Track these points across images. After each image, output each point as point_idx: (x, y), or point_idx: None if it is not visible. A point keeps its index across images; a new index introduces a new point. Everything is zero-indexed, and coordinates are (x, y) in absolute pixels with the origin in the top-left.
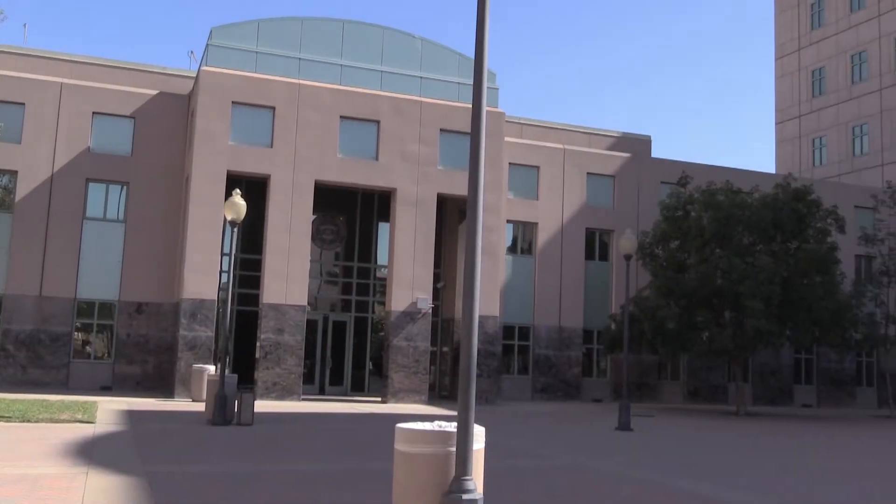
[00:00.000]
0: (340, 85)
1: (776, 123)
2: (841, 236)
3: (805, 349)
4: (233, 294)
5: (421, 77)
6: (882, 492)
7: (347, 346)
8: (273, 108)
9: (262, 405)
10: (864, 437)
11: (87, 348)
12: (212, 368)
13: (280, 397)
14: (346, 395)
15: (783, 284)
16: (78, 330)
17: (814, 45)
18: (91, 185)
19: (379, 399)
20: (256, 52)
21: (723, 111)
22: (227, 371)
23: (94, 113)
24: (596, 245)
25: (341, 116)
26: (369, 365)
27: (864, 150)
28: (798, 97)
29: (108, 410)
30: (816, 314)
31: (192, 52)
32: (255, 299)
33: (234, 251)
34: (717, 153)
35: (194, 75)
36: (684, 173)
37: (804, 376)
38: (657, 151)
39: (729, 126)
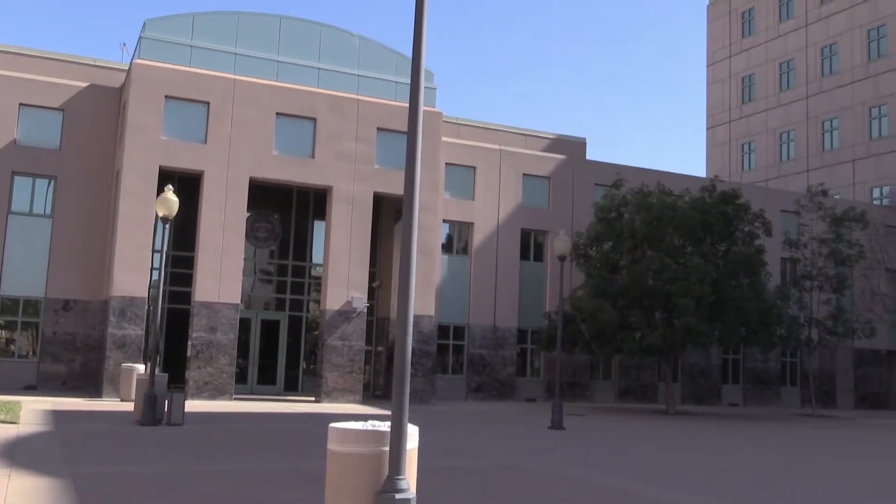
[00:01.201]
0: (277, 81)
1: (707, 128)
2: (768, 239)
3: (733, 349)
4: (164, 292)
5: (358, 75)
6: (804, 489)
7: (281, 346)
8: (207, 104)
9: (193, 405)
10: (788, 435)
11: (12, 346)
12: (141, 367)
13: (212, 397)
14: (279, 394)
15: (713, 285)
16: (1, 328)
17: (744, 53)
18: (17, 178)
19: (313, 398)
20: (191, 46)
21: (657, 115)
22: (157, 370)
23: (21, 104)
24: (531, 245)
25: (277, 113)
26: (303, 364)
27: (790, 156)
28: (729, 103)
29: (33, 410)
30: (744, 314)
31: (124, 44)
32: (186, 297)
33: (165, 248)
34: (650, 156)
35: (126, 68)
36: (618, 175)
37: (731, 376)
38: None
39: (663, 130)
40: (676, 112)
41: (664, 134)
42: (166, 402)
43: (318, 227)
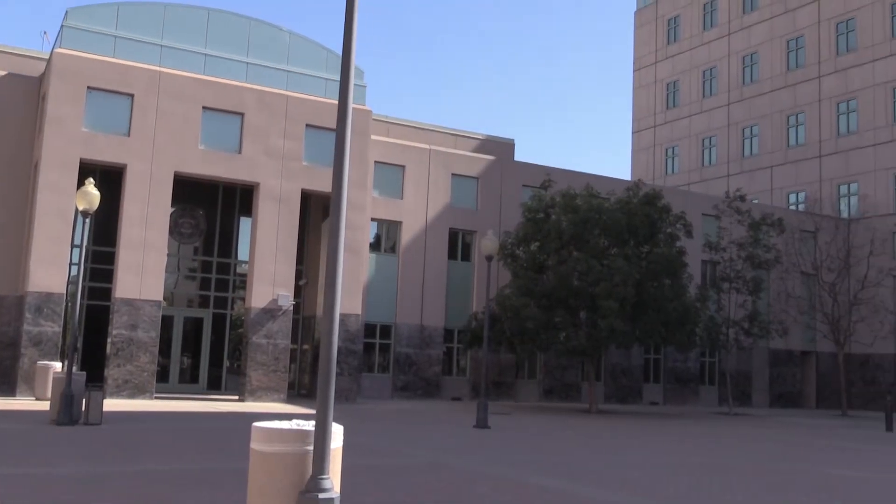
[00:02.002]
0: (204, 75)
1: (633, 132)
2: (690, 242)
3: (654, 349)
4: (83, 287)
5: (288, 71)
6: (720, 484)
7: (204, 343)
8: (132, 96)
9: (112, 404)
10: (705, 433)
11: None
12: (58, 365)
13: (132, 396)
14: (202, 393)
15: (636, 286)
16: None
17: (669, 60)
18: None
19: (236, 397)
20: (115, 37)
21: (585, 118)
22: (74, 368)
23: None
24: (459, 245)
25: (204, 107)
26: (227, 363)
27: (712, 161)
28: (653, 108)
29: None
30: (665, 315)
31: (45, 32)
32: (107, 293)
33: (85, 243)
34: (578, 159)
35: (47, 57)
36: (546, 177)
37: (653, 375)
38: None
39: (591, 133)
40: (604, 116)
41: (592, 137)
42: (84, 401)
43: (245, 223)
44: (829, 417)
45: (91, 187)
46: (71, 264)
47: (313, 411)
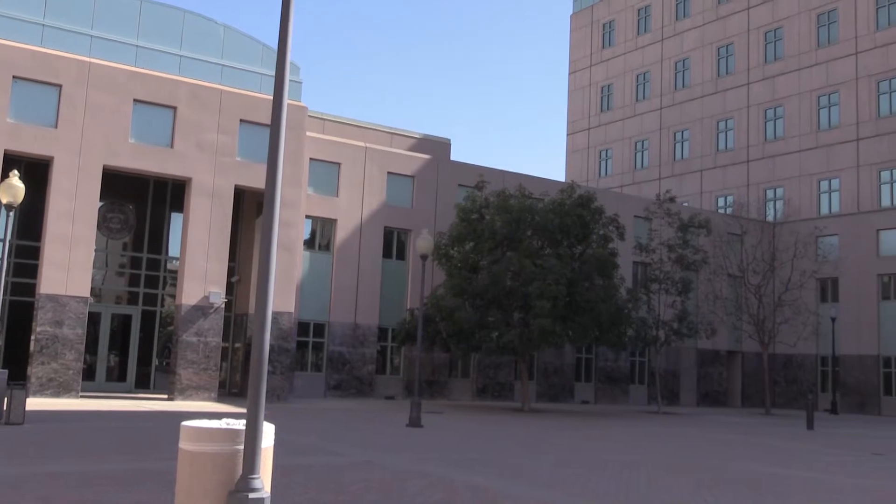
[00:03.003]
0: (135, 67)
1: (568, 134)
2: (622, 244)
3: (585, 349)
4: (6, 283)
5: (222, 65)
6: (648, 481)
7: (133, 341)
8: (60, 86)
9: (35, 403)
10: (635, 431)
11: None
12: None
13: (56, 394)
14: (130, 392)
15: (568, 286)
16: None
17: (604, 63)
18: None
19: (166, 396)
20: (43, 25)
21: (521, 119)
22: None
23: None
24: (394, 244)
25: (135, 100)
26: (156, 361)
27: (644, 164)
28: (588, 111)
29: None
30: (597, 315)
31: None
32: (31, 289)
33: (8, 237)
34: (513, 159)
35: None
36: (481, 177)
37: (584, 374)
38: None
39: (527, 134)
40: (540, 117)
41: (528, 138)
42: (5, 400)
43: (176, 219)
44: (753, 415)
45: (16, 180)
46: None
47: (244, 410)
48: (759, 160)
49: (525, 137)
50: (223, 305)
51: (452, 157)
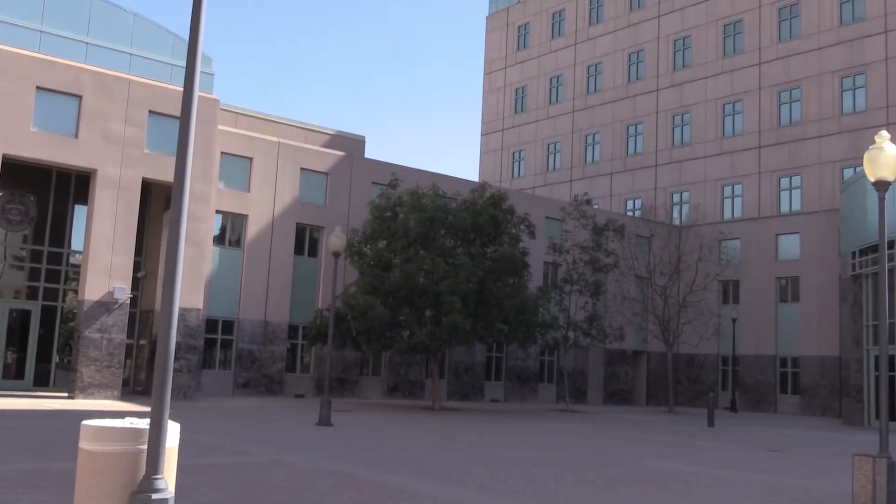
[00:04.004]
0: (39, 53)
1: (482, 135)
2: (533, 244)
3: (496, 348)
4: None
5: (131, 54)
6: (554, 477)
7: (32, 337)
8: None
9: None
10: (543, 429)
11: None
12: None
13: None
14: (28, 389)
15: (479, 284)
16: None
17: (519, 65)
18: None
19: (66, 394)
20: None
21: (437, 119)
22: None
23: None
24: (306, 241)
25: (38, 87)
26: (56, 358)
27: (556, 166)
28: (502, 112)
29: None
30: (507, 314)
31: None
32: None
33: None
34: (428, 159)
35: None
36: (395, 175)
37: (495, 373)
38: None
39: (443, 133)
40: (456, 117)
41: (443, 137)
42: None
43: (80, 211)
44: (657, 414)
45: None
46: None
47: (149, 409)
48: (666, 165)
49: (440, 137)
50: (128, 301)
51: (367, 155)
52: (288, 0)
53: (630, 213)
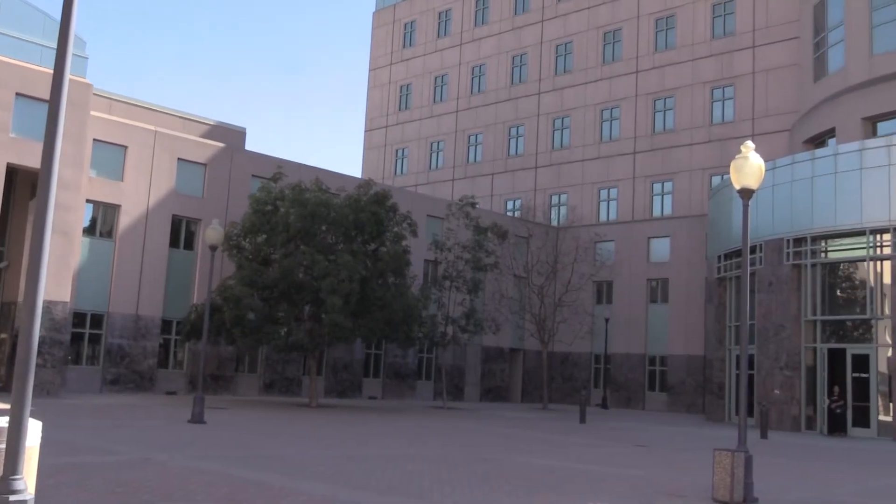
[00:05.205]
0: None
1: (365, 131)
2: (414, 242)
3: (375, 345)
4: None
5: None
6: (430, 474)
7: None
8: None
9: None
10: (420, 425)
11: None
12: None
13: None
14: None
15: (361, 283)
16: None
17: (404, 63)
18: None
19: None
20: None
21: (321, 114)
22: None
23: None
24: (182, 233)
25: None
26: None
27: (439, 165)
28: (387, 109)
29: None
30: (388, 312)
31: None
32: None
33: None
34: (312, 153)
35: None
36: (278, 169)
37: (373, 370)
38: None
39: (326, 129)
40: (340, 112)
41: (328, 132)
42: None
43: None
44: (532, 411)
45: None
46: None
47: (8, 406)
48: (546, 167)
49: (324, 132)
50: None
51: (248, 148)
52: None
53: (510, 214)
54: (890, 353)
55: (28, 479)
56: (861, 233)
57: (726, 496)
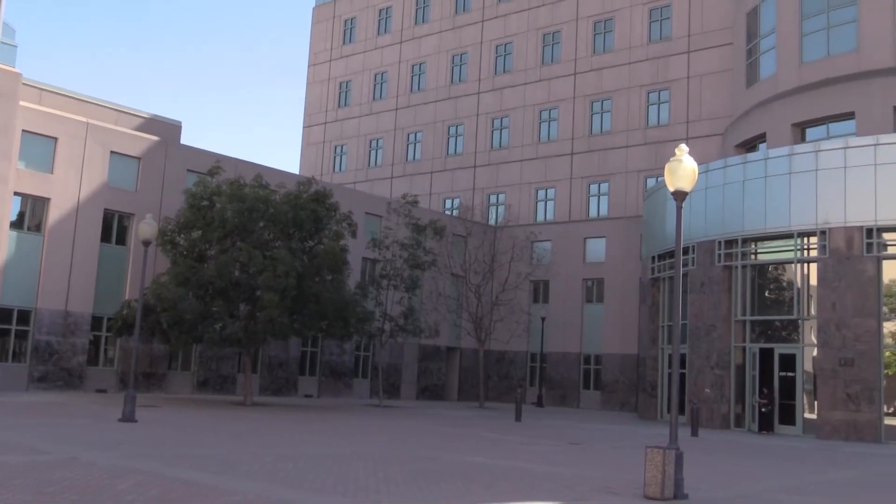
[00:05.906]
0: None
1: (304, 127)
2: (352, 240)
3: (311, 342)
4: None
5: None
6: (367, 472)
7: None
8: None
9: None
10: (356, 424)
11: None
12: None
13: None
14: None
15: (298, 279)
16: None
17: (344, 59)
18: None
19: None
20: None
21: (259, 109)
22: None
23: None
24: (114, 228)
25: None
26: None
27: (378, 163)
28: (326, 105)
29: None
30: (325, 309)
31: None
32: None
33: None
34: (250, 148)
35: None
36: (215, 164)
37: (308, 368)
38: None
39: (265, 123)
40: (279, 107)
41: (266, 127)
42: None
43: None
44: (468, 409)
45: None
46: None
47: None
48: (484, 166)
49: (262, 127)
50: None
51: (183, 142)
52: None
53: (448, 212)
54: (815, 353)
55: None
56: (789, 235)
57: (657, 492)
